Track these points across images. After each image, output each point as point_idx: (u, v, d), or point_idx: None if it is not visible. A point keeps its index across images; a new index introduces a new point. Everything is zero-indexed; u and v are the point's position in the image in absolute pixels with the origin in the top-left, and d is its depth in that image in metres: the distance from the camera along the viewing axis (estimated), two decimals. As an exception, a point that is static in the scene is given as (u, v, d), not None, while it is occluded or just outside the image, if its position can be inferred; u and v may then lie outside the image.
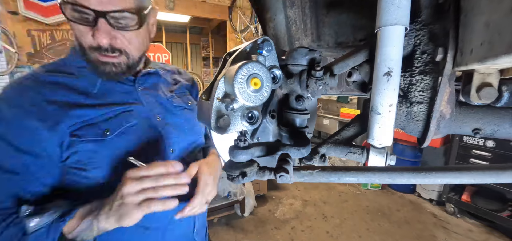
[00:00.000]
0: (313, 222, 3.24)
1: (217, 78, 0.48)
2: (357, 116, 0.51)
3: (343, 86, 0.81)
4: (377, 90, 0.40)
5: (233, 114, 0.47)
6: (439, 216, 3.35)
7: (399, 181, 0.42)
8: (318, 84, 0.45)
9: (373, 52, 0.41)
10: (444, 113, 0.44)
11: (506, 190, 2.93)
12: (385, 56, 0.38)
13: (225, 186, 3.12)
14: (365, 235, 2.99)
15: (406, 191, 3.92)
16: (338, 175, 0.43)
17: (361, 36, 0.58)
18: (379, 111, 0.41)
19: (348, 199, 3.81)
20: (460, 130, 0.46)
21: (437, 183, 0.41)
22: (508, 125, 0.42)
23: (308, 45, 0.65)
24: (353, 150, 0.47)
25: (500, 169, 0.38)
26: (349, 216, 3.37)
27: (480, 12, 0.33)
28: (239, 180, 0.47)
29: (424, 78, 0.43)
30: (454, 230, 3.07)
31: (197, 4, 3.86)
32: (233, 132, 0.49)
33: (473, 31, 0.34)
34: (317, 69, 0.44)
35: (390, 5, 0.37)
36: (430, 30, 0.42)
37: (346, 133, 0.50)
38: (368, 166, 0.45)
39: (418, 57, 0.43)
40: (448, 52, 0.38)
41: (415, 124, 0.46)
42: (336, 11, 0.59)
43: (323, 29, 0.63)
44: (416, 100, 0.44)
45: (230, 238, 2.91)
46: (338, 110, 4.89)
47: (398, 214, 3.41)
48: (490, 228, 3.05)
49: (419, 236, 2.97)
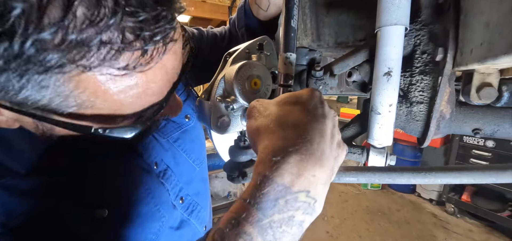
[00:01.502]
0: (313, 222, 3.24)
1: (217, 78, 0.48)
2: (357, 116, 0.51)
3: (343, 86, 0.81)
4: (377, 90, 0.40)
5: (233, 114, 0.47)
6: (439, 216, 3.34)
7: (399, 181, 0.42)
8: (318, 84, 0.45)
9: (373, 52, 0.41)
10: (444, 113, 0.44)
11: (506, 190, 2.93)
12: (385, 56, 0.38)
13: (225, 186, 3.12)
14: (365, 235, 2.99)
15: (406, 191, 3.92)
16: (338, 175, 0.43)
17: (361, 36, 0.58)
18: (379, 111, 0.41)
19: (348, 199, 3.81)
20: (460, 130, 0.46)
21: (437, 183, 0.41)
22: (508, 125, 0.42)
23: (308, 45, 0.65)
24: (353, 150, 0.47)
25: (500, 169, 0.38)
26: (349, 216, 3.37)
27: (480, 12, 0.33)
28: (239, 180, 0.47)
29: (424, 78, 0.43)
30: (454, 230, 3.07)
31: (197, 4, 3.85)
32: (233, 132, 0.49)
33: (473, 31, 0.34)
34: (317, 69, 0.44)
35: (390, 5, 0.37)
36: (430, 30, 0.42)
37: (346, 133, 0.50)
38: (368, 166, 0.45)
39: (418, 57, 0.43)
40: (448, 52, 0.38)
41: (415, 124, 0.46)
42: (336, 11, 0.59)
43: (323, 29, 0.62)
44: (416, 100, 0.44)
45: (230, 238, 2.91)
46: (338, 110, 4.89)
47: (398, 214, 3.41)
48: (490, 228, 3.05)
49: (419, 236, 2.97)
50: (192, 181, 0.68)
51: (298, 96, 0.34)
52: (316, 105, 0.33)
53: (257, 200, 0.28)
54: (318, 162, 0.29)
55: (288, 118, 0.32)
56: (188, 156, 0.67)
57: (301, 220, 0.29)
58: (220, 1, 4.03)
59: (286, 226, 0.28)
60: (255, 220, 0.27)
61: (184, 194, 0.65)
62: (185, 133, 0.67)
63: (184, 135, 0.67)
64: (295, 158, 0.28)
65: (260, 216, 0.27)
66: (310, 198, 0.29)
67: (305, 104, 0.33)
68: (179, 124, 0.66)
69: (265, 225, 0.27)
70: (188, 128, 0.68)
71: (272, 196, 0.28)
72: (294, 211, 0.28)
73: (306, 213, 0.29)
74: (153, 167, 0.58)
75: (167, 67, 0.32)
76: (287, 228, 0.28)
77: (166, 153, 0.62)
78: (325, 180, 0.31)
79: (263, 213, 0.27)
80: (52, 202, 0.42)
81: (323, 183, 0.30)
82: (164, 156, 0.61)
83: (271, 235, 0.27)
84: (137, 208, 0.51)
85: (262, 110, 0.34)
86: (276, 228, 0.28)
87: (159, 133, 0.62)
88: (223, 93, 0.47)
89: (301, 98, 0.34)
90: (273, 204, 0.28)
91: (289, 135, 0.30)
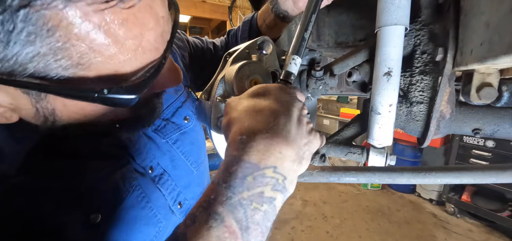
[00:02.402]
0: (313, 222, 3.24)
1: (217, 78, 0.48)
2: (357, 116, 0.51)
3: (343, 86, 0.81)
4: (377, 90, 0.40)
5: (233, 114, 0.47)
6: (439, 216, 3.34)
7: (399, 181, 0.42)
8: (318, 84, 0.45)
9: (373, 52, 0.41)
10: (444, 113, 0.44)
11: (506, 190, 2.93)
12: (385, 56, 0.38)
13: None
14: (365, 235, 2.99)
15: (406, 191, 3.92)
16: (338, 175, 0.43)
17: (361, 36, 0.58)
18: (379, 111, 0.41)
19: (348, 199, 3.81)
20: (460, 130, 0.46)
21: (437, 183, 0.41)
22: (508, 125, 0.42)
23: (308, 45, 0.65)
24: (353, 150, 0.47)
25: (500, 169, 0.38)
26: (349, 216, 3.37)
27: (480, 12, 0.33)
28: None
29: (424, 78, 0.43)
30: (454, 230, 3.07)
31: (197, 4, 3.86)
32: (233, 132, 0.49)
33: (473, 31, 0.34)
34: (317, 69, 0.44)
35: (390, 5, 0.37)
36: (430, 30, 0.42)
37: (346, 133, 0.50)
38: (368, 166, 0.45)
39: (418, 57, 0.43)
40: (448, 52, 0.38)
41: (415, 124, 0.46)
42: (336, 11, 0.59)
43: (323, 29, 0.63)
44: (416, 100, 0.44)
45: (230, 238, 2.91)
46: (338, 110, 4.89)
47: (398, 214, 3.41)
48: (490, 228, 3.04)
49: (419, 236, 2.97)
50: (190, 184, 0.67)
51: (266, 87, 0.36)
52: (282, 94, 0.35)
53: (226, 179, 0.29)
54: (284, 140, 0.31)
55: (255, 106, 0.34)
56: (186, 159, 0.66)
57: (271, 197, 0.30)
58: (220, 1, 4.03)
59: (256, 203, 0.29)
60: (224, 199, 0.28)
61: (182, 198, 0.64)
62: (184, 135, 0.67)
63: (183, 137, 0.66)
64: (261, 136, 0.30)
65: (230, 194, 0.28)
66: (277, 174, 0.30)
67: (272, 93, 0.35)
68: (179, 125, 0.66)
69: (235, 203, 0.28)
70: (187, 130, 0.68)
71: (240, 174, 0.29)
72: (263, 187, 0.29)
73: (276, 190, 0.30)
74: (148, 171, 0.56)
75: (156, 11, 0.31)
76: (258, 205, 0.29)
77: (163, 157, 0.61)
78: (292, 159, 0.32)
79: (232, 191, 0.28)
80: (47, 206, 0.40)
81: (291, 160, 0.32)
82: (161, 160, 0.60)
83: (242, 212, 0.28)
84: (132, 213, 0.50)
85: (234, 105, 0.36)
86: (247, 206, 0.28)
87: (158, 133, 0.61)
88: (223, 93, 0.47)
89: (268, 88, 0.36)
90: (242, 182, 0.29)
91: (256, 118, 0.32)
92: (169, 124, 0.64)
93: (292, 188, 0.33)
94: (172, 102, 0.66)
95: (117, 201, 0.49)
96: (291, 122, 0.33)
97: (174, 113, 0.66)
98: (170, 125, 0.64)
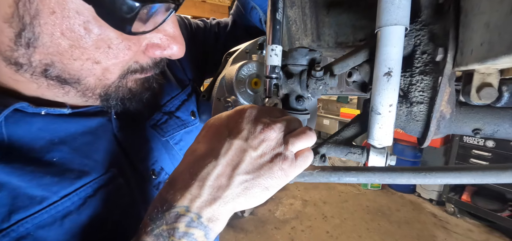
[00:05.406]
0: (313, 222, 3.24)
1: (218, 78, 0.48)
2: (357, 116, 0.51)
3: (343, 86, 0.81)
4: (377, 90, 0.40)
5: (233, 114, 0.47)
6: (439, 216, 3.34)
7: (399, 181, 0.42)
8: (318, 84, 0.45)
9: (373, 52, 0.41)
10: (444, 113, 0.44)
11: (506, 190, 2.93)
12: (385, 56, 0.38)
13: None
14: (365, 235, 2.99)
15: (406, 191, 3.92)
16: (338, 175, 0.43)
17: (361, 36, 0.58)
18: (379, 111, 0.41)
19: (348, 199, 3.81)
20: (460, 130, 0.46)
21: (437, 183, 0.41)
22: (508, 125, 0.42)
23: (308, 45, 0.65)
24: (353, 150, 0.47)
25: (500, 169, 0.38)
26: (349, 216, 3.37)
27: (480, 12, 0.33)
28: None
29: (424, 78, 0.43)
30: (454, 230, 3.07)
31: (197, 4, 3.85)
32: (233, 132, 0.49)
33: (473, 31, 0.34)
34: (317, 69, 0.44)
35: (390, 5, 0.37)
36: (430, 30, 0.42)
37: (346, 133, 0.50)
38: (368, 166, 0.45)
39: (418, 57, 0.43)
40: (448, 52, 0.38)
41: (415, 124, 0.46)
42: (336, 11, 0.59)
43: (323, 29, 0.62)
44: (416, 100, 0.44)
45: (230, 238, 2.91)
46: (338, 110, 4.89)
47: (398, 214, 3.41)
48: (490, 228, 3.05)
49: (419, 236, 2.97)
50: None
51: (233, 117, 0.37)
52: (238, 127, 0.35)
53: (151, 212, 0.33)
54: (200, 183, 0.33)
55: (197, 145, 0.37)
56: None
57: (188, 232, 0.32)
58: (220, 1, 4.03)
59: (174, 237, 0.32)
60: (148, 229, 0.32)
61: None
62: (189, 134, 0.61)
63: (187, 137, 0.61)
64: (182, 177, 0.34)
65: (153, 226, 0.32)
66: (190, 213, 0.32)
67: (229, 126, 0.36)
68: (184, 121, 0.60)
69: (157, 234, 0.31)
70: (193, 129, 0.62)
71: (160, 209, 0.32)
72: (178, 224, 0.32)
73: (191, 226, 0.32)
74: (150, 174, 0.52)
75: None
76: (175, 238, 0.32)
77: (165, 160, 0.55)
78: (207, 201, 0.33)
79: (154, 223, 0.32)
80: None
81: (205, 201, 0.33)
82: (165, 164, 0.55)
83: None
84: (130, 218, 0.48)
85: (197, 138, 0.38)
86: (166, 237, 0.32)
87: (158, 129, 0.55)
88: (224, 93, 0.47)
89: (231, 118, 0.37)
90: (162, 216, 0.32)
91: (188, 159, 0.35)
92: (172, 119, 0.57)
93: (215, 225, 0.34)
94: (177, 94, 0.59)
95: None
96: (217, 166, 0.33)
97: (180, 106, 0.59)
98: (173, 120, 0.58)
